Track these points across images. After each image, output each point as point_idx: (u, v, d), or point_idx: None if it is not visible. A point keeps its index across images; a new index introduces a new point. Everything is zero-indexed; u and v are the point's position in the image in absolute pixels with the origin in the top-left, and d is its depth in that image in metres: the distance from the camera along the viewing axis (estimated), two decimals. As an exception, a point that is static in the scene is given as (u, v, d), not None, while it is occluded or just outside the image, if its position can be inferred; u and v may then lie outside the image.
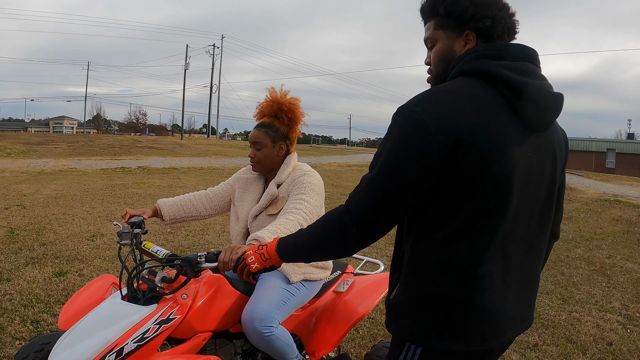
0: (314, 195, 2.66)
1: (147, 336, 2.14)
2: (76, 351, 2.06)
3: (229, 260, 1.98)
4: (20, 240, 7.11)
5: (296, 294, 2.70)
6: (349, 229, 1.50)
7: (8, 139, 30.11)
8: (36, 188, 12.70)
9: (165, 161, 23.81)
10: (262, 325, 2.42)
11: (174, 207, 3.02)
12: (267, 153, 2.83)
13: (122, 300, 2.31)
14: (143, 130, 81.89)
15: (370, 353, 2.98)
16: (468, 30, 1.61)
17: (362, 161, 31.92)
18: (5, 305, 4.60)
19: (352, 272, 3.31)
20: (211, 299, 2.44)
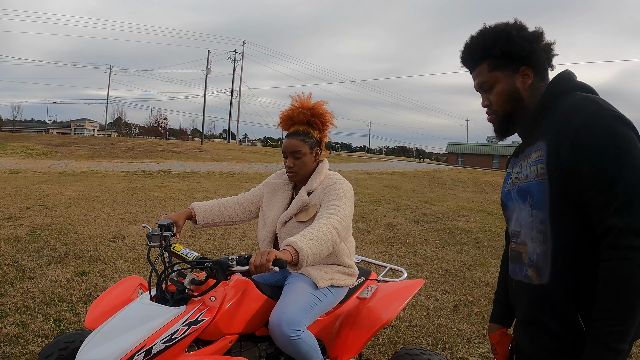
0: (347, 201, 2.62)
1: (175, 337, 2.12)
2: (105, 350, 2.04)
3: (260, 264, 1.99)
4: (42, 239, 7.15)
5: (323, 299, 2.66)
6: None
7: (30, 140, 30.53)
8: (58, 189, 12.81)
9: (186, 165, 23.95)
10: (290, 329, 2.38)
11: (208, 211, 2.98)
12: (306, 161, 2.79)
13: (151, 301, 2.29)
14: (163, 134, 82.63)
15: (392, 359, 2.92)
16: (524, 66, 1.70)
17: (381, 169, 31.88)
18: (28, 303, 4.61)
19: (375, 278, 3.27)
20: (239, 302, 2.41)
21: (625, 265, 1.39)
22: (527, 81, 1.71)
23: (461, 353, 4.21)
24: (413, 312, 5.10)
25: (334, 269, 2.77)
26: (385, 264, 3.82)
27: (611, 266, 1.42)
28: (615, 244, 1.42)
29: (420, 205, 13.95)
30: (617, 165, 1.45)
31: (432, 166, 42.86)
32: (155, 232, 2.55)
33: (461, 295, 5.80)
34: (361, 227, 9.86)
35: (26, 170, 17.80)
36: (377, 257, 7.28)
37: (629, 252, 1.39)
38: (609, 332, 1.42)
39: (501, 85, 1.73)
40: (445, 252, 8.11)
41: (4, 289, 4.94)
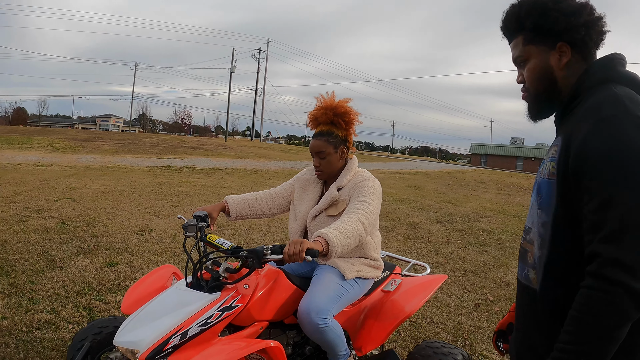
0: (375, 198, 2.70)
1: (210, 321, 2.24)
2: (143, 332, 2.17)
3: (294, 253, 2.10)
4: (71, 231, 7.32)
5: (350, 290, 2.75)
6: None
7: (56, 135, 31.04)
8: (85, 182, 13.06)
9: (210, 162, 24.17)
10: (318, 317, 2.47)
11: (241, 204, 3.08)
12: (331, 160, 2.86)
13: (187, 288, 2.41)
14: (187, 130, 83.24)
15: (414, 352, 2.99)
16: (561, 42, 1.52)
17: (404, 169, 31.79)
18: (59, 291, 4.76)
19: (399, 273, 3.34)
20: (270, 290, 2.51)
21: (601, 299, 1.25)
22: (563, 59, 1.53)
23: (480, 350, 4.25)
24: (434, 309, 5.15)
25: (361, 261, 2.85)
26: (409, 259, 3.90)
27: (587, 295, 1.28)
28: (598, 273, 1.26)
29: (442, 206, 13.93)
30: (619, 184, 1.27)
31: (455, 167, 42.65)
32: (191, 222, 2.67)
33: (482, 294, 5.83)
34: (384, 225, 9.89)
35: (53, 164, 18.16)
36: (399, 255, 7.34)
37: (608, 285, 1.24)
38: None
39: (534, 61, 1.57)
40: (467, 252, 8.11)
41: (35, 278, 5.10)
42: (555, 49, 1.53)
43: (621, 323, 1.23)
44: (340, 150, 2.87)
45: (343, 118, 2.87)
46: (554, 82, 1.56)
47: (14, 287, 4.79)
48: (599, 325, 1.24)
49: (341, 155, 2.89)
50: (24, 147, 24.04)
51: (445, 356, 2.89)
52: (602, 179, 1.29)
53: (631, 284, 1.21)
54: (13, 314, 4.17)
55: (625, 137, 1.29)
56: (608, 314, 1.23)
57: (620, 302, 1.22)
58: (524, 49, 1.58)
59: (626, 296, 1.21)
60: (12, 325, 3.94)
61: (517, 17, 1.57)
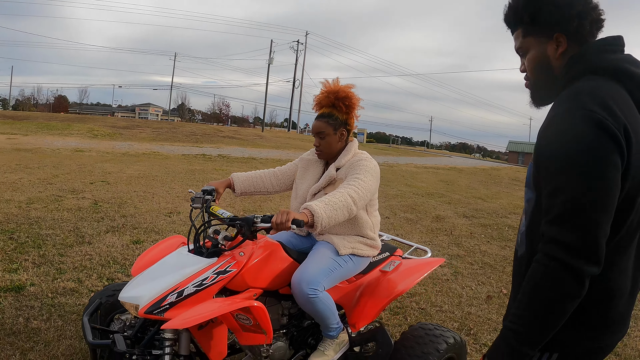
0: (369, 175, 2.82)
1: (205, 283, 2.44)
2: (144, 289, 2.41)
3: (281, 222, 2.29)
4: (103, 211, 7.65)
5: (343, 266, 2.89)
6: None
7: (96, 122, 31.87)
8: (120, 168, 13.47)
9: (245, 151, 24.49)
10: (309, 287, 2.62)
11: (246, 181, 3.27)
12: (330, 141, 3.01)
13: (189, 253, 2.62)
14: (225, 120, 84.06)
15: (407, 332, 3.09)
16: (557, 33, 1.59)
17: (438, 164, 31.63)
18: (85, 264, 5.05)
19: (400, 255, 3.46)
20: (265, 259, 2.68)
21: (540, 272, 1.40)
22: (560, 49, 1.61)
23: (485, 340, 4.31)
24: (445, 298, 5.24)
25: (357, 239, 2.98)
26: (411, 243, 4.02)
27: (532, 268, 1.44)
28: (542, 248, 1.42)
29: (472, 201, 13.88)
30: (566, 174, 1.39)
31: (490, 164, 42.22)
32: (198, 195, 2.92)
33: (496, 287, 5.85)
34: (409, 217, 9.98)
35: (90, 150, 18.71)
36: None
37: (547, 259, 1.39)
38: (511, 328, 1.47)
39: (533, 52, 1.66)
40: (489, 246, 8.12)
41: (65, 251, 5.40)
42: (552, 39, 1.61)
43: (559, 296, 1.38)
44: (339, 132, 3.01)
45: (344, 102, 3.00)
46: (551, 70, 1.64)
47: (44, 258, 5.11)
48: (539, 296, 1.40)
49: (340, 137, 3.02)
50: (63, 133, 24.81)
51: (437, 337, 2.96)
52: (552, 169, 1.42)
53: (566, 259, 1.35)
54: (41, 281, 4.47)
55: (571, 131, 1.39)
56: (546, 286, 1.39)
57: (557, 276, 1.37)
58: (523, 40, 1.67)
59: (562, 270, 1.36)
60: (39, 291, 4.24)
61: (516, 11, 1.66)
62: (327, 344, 2.88)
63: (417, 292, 5.30)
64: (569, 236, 1.36)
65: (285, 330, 2.91)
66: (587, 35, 1.58)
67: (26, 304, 3.99)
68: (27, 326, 3.62)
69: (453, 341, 3.01)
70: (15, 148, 17.40)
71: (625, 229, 1.47)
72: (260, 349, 2.74)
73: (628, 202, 1.43)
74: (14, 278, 4.48)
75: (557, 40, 1.60)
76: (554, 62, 1.63)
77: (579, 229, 1.35)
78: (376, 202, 3.07)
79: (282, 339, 2.85)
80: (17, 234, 5.92)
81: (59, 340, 3.46)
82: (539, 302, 1.40)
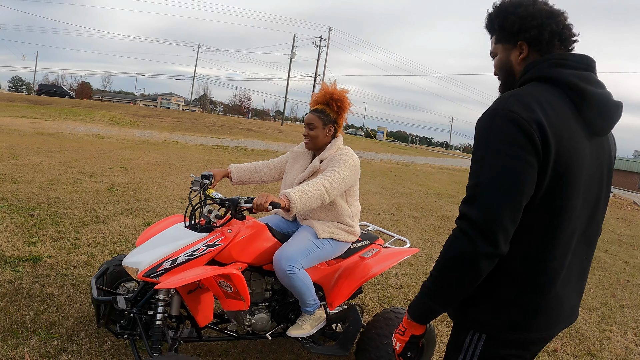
0: (345, 168, 3.14)
1: (195, 253, 2.83)
2: (142, 256, 2.81)
3: (260, 204, 2.67)
4: (118, 194, 8.06)
5: (321, 248, 3.20)
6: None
7: (117, 110, 32.50)
8: (138, 155, 13.94)
9: (263, 144, 24.85)
10: (287, 264, 2.96)
11: (242, 172, 3.64)
12: (318, 133, 3.34)
13: (185, 228, 3.00)
14: (246, 113, 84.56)
15: (378, 314, 3.37)
16: (520, 40, 1.75)
17: (455, 165, 31.72)
18: (99, 241, 5.44)
19: (380, 244, 3.77)
20: (251, 237, 3.03)
21: (450, 241, 1.57)
22: (521, 55, 1.77)
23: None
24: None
25: (336, 225, 3.30)
26: (393, 234, 4.35)
27: (448, 237, 1.61)
28: (456, 222, 1.59)
29: (481, 203, 14.00)
30: (480, 161, 1.57)
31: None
32: (197, 179, 3.34)
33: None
34: (415, 215, 10.24)
35: (111, 137, 19.25)
36: (420, 243, 7.71)
37: (455, 230, 1.57)
38: (427, 285, 1.65)
39: (499, 57, 1.83)
40: (489, 246, 8.28)
41: (80, 229, 5.80)
42: (516, 46, 1.77)
43: (460, 262, 1.55)
44: (327, 127, 3.34)
45: (337, 103, 3.33)
46: (513, 75, 1.81)
47: (61, 234, 5.51)
48: (446, 260, 1.59)
49: (327, 132, 3.35)
50: (85, 120, 25.42)
51: None
52: (473, 158, 1.61)
53: (469, 232, 1.53)
54: (57, 254, 4.86)
55: (489, 127, 1.58)
56: (451, 252, 1.57)
57: (460, 245, 1.55)
58: (495, 46, 1.86)
59: (464, 240, 1.54)
60: (55, 262, 4.63)
61: (490, 19, 1.85)
62: (305, 319, 3.19)
63: (407, 284, 5.57)
64: (473, 213, 1.53)
65: (268, 304, 3.24)
66: (547, 45, 1.73)
67: (42, 272, 4.37)
68: (42, 291, 4.00)
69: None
70: (37, 132, 17.98)
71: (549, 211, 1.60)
72: (243, 318, 3.09)
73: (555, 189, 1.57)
74: (33, 250, 4.87)
75: (520, 48, 1.77)
76: (515, 67, 1.80)
77: (484, 209, 1.52)
78: (356, 192, 3.38)
79: (264, 312, 3.19)
80: (37, 211, 6.33)
81: (70, 304, 3.83)
82: (446, 265, 1.58)
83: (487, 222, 1.51)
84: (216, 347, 3.57)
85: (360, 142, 41.02)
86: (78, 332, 3.43)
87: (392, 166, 23.64)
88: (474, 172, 1.59)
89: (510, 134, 1.52)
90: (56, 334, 3.39)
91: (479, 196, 1.54)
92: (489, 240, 1.52)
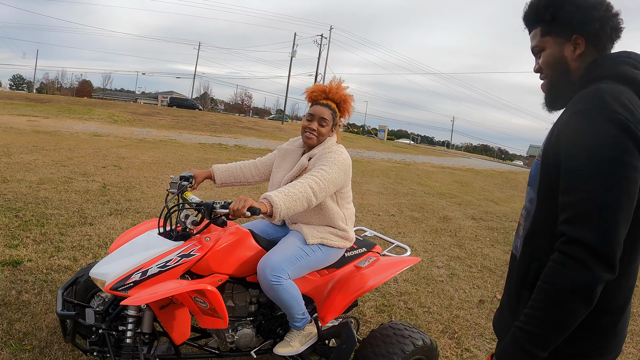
0: (334, 167, 2.85)
1: (169, 265, 2.54)
2: (111, 267, 2.52)
3: (237, 209, 2.36)
4: (109, 194, 7.82)
5: (310, 255, 2.92)
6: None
7: (117, 108, 32.32)
8: (134, 153, 13.69)
9: (262, 143, 24.62)
10: (272, 274, 2.68)
11: (226, 172, 3.36)
12: (327, 131, 3.06)
13: (158, 235, 2.72)
14: (247, 111, 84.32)
15: (375, 330, 3.10)
16: (576, 34, 1.59)
17: (456, 164, 31.47)
18: (83, 244, 5.20)
19: (378, 252, 3.48)
20: (232, 246, 2.75)
21: (559, 273, 1.36)
22: (577, 51, 1.61)
23: (467, 345, 4.23)
24: (435, 299, 5.21)
25: (327, 229, 3.02)
26: (392, 240, 4.04)
27: (550, 267, 1.39)
28: (561, 248, 1.38)
29: (483, 203, 13.82)
30: (585, 171, 1.37)
31: (509, 167, 41.89)
32: (175, 180, 3.05)
33: (491, 292, 5.78)
34: (416, 216, 9.99)
35: (109, 135, 19.00)
36: (421, 246, 7.44)
37: (568, 259, 1.35)
38: (524, 329, 1.42)
39: (549, 51, 1.65)
40: (492, 250, 8.08)
41: (65, 231, 5.56)
42: (570, 40, 1.61)
43: (575, 297, 1.34)
44: (333, 127, 3.08)
45: (344, 106, 3.10)
46: (567, 72, 1.64)
47: (45, 236, 5.27)
48: (557, 297, 1.36)
49: (330, 132, 3.08)
50: (84, 118, 25.21)
51: (405, 338, 2.95)
52: (570, 166, 1.40)
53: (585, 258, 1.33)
54: (38, 257, 4.62)
55: (592, 129, 1.38)
56: (563, 286, 1.35)
57: (575, 277, 1.33)
58: (541, 39, 1.67)
59: (581, 271, 1.33)
60: (35, 267, 4.40)
61: (537, 9, 1.66)
62: (294, 335, 2.93)
63: (407, 291, 5.31)
64: (590, 237, 1.32)
65: (253, 319, 2.97)
66: (606, 41, 1.59)
67: (21, 278, 4.14)
68: (18, 298, 3.76)
69: (422, 343, 2.99)
70: (34, 130, 17.73)
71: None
72: (225, 334, 2.83)
73: None
74: (13, 253, 4.63)
75: (575, 42, 1.61)
76: (571, 64, 1.64)
77: (600, 230, 1.33)
78: (349, 195, 3.10)
79: (248, 327, 2.91)
80: (22, 212, 6.09)
81: (46, 313, 3.59)
82: (555, 302, 1.36)
83: (605, 245, 1.32)
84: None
85: (359, 142, 40.73)
86: (51, 345, 3.19)
87: (392, 165, 23.36)
88: (576, 185, 1.38)
89: (618, 137, 1.35)
90: (28, 346, 3.16)
91: (591, 214, 1.34)
92: (609, 265, 1.33)
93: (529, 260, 1.57)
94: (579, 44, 1.60)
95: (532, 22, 1.70)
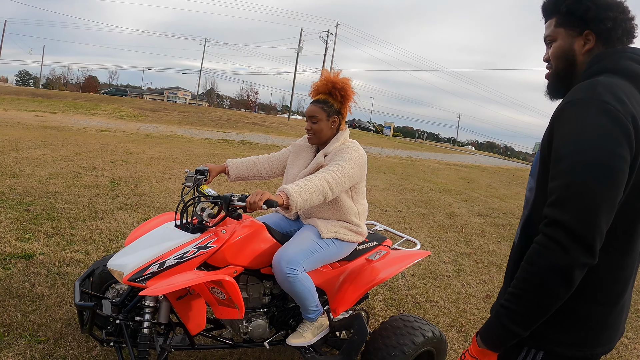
0: (351, 162, 2.88)
1: (186, 256, 2.59)
2: (129, 259, 2.57)
3: (254, 202, 2.40)
4: (119, 189, 7.87)
5: (325, 249, 2.96)
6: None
7: (123, 103, 32.37)
8: (142, 149, 13.74)
9: (269, 138, 24.64)
10: (287, 267, 2.72)
11: (240, 167, 3.39)
12: (322, 126, 3.08)
13: (175, 228, 2.77)
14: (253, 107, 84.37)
15: (386, 322, 3.15)
16: (588, 30, 1.62)
17: (462, 161, 31.40)
18: (94, 237, 5.26)
19: (389, 245, 3.52)
20: (247, 238, 2.79)
21: (539, 253, 1.40)
22: (587, 46, 1.63)
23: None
24: (443, 294, 5.26)
25: (341, 224, 3.06)
26: (402, 234, 4.07)
27: (532, 248, 1.43)
28: (543, 230, 1.42)
29: (489, 200, 13.82)
30: (572, 158, 1.40)
31: (515, 164, 41.78)
32: (191, 174, 3.09)
33: (497, 287, 5.80)
34: (422, 212, 10.01)
35: (116, 130, 19.07)
36: (427, 242, 7.47)
37: (548, 241, 1.39)
38: (506, 306, 1.47)
39: (560, 42, 1.68)
40: (499, 246, 8.10)
41: (77, 224, 5.61)
42: (581, 35, 1.64)
43: (554, 278, 1.38)
44: (332, 119, 3.08)
45: (340, 92, 3.07)
46: (573, 65, 1.67)
47: (56, 230, 5.32)
48: (535, 276, 1.40)
49: (332, 124, 3.09)
50: (90, 113, 25.28)
51: (415, 330, 3.00)
52: (559, 153, 1.44)
53: (565, 242, 1.36)
54: (50, 251, 4.68)
55: (581, 118, 1.42)
56: (543, 267, 1.39)
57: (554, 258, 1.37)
58: (554, 30, 1.70)
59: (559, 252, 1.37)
60: (47, 260, 4.46)
61: (555, 0, 1.69)
62: (306, 327, 2.97)
63: (415, 285, 5.35)
64: (570, 219, 1.36)
65: (266, 310, 3.01)
66: (616, 41, 1.62)
67: (33, 270, 4.19)
68: (31, 291, 3.81)
69: (431, 335, 3.03)
70: (42, 125, 17.82)
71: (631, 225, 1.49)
72: (239, 325, 2.87)
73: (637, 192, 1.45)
74: (25, 247, 4.69)
75: (586, 37, 1.64)
76: (578, 58, 1.66)
77: (581, 214, 1.36)
78: (363, 190, 3.14)
79: (262, 318, 2.95)
80: (33, 206, 6.15)
81: (59, 305, 3.64)
82: (534, 280, 1.41)
83: (584, 229, 1.36)
84: (210, 354, 3.37)
85: (366, 137, 40.66)
86: (66, 336, 3.25)
87: (399, 161, 23.34)
88: (562, 170, 1.42)
89: (606, 127, 1.38)
90: (43, 337, 3.21)
91: (573, 198, 1.38)
92: (587, 248, 1.36)
93: (525, 246, 1.58)
94: (590, 39, 1.63)
95: (549, 12, 1.73)
